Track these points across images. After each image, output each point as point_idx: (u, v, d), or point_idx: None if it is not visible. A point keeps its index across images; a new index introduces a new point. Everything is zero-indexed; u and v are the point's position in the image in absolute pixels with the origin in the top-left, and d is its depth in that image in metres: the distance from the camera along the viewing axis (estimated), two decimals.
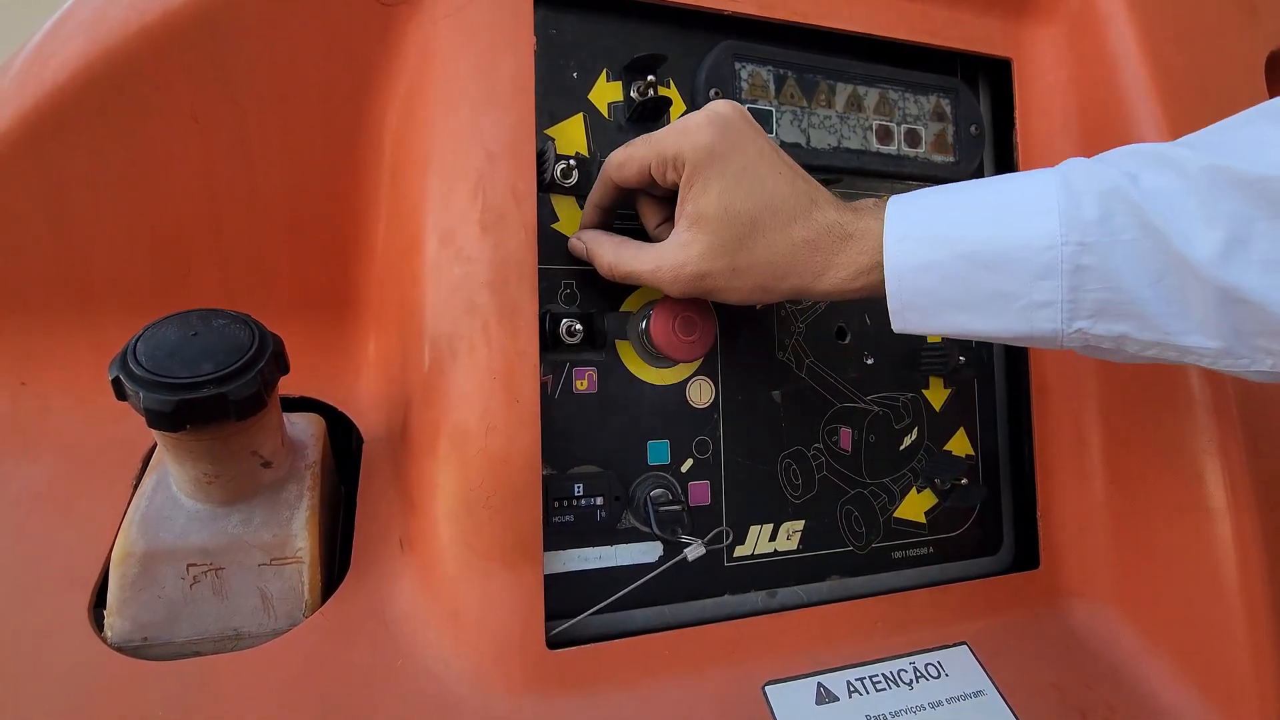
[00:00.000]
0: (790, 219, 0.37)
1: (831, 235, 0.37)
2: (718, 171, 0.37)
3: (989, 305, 0.34)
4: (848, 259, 0.37)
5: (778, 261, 0.37)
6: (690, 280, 0.38)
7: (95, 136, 0.41)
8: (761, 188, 0.37)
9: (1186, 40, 0.51)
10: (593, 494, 0.41)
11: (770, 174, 0.37)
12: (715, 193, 0.37)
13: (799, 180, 0.38)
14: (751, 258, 0.37)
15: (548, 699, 0.38)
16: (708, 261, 0.37)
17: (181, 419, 0.32)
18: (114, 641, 0.35)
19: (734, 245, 0.37)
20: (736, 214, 0.37)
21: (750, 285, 0.38)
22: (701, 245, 0.37)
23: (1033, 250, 0.33)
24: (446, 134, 0.40)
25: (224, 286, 0.46)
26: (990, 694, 0.44)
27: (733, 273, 0.37)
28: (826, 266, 0.37)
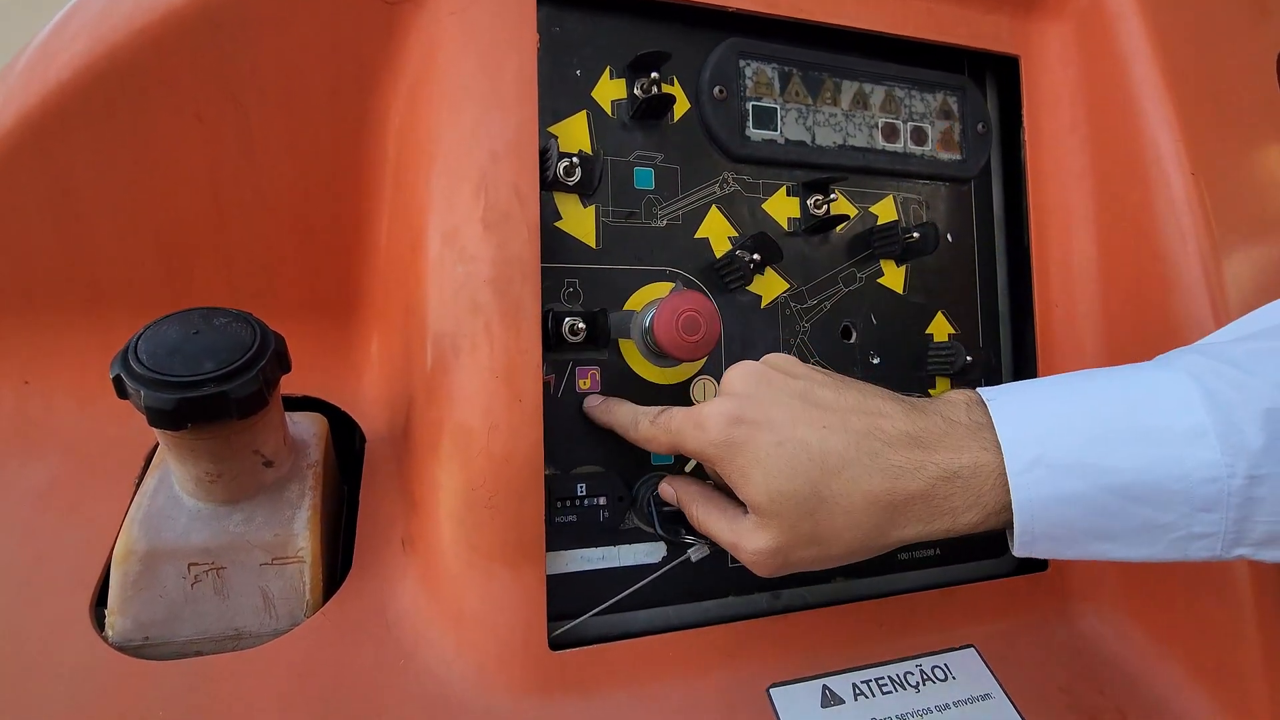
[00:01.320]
0: (859, 470, 0.32)
1: (928, 478, 0.32)
2: (749, 459, 0.33)
3: (1138, 537, 0.31)
4: (965, 502, 0.32)
5: (862, 520, 0.32)
6: (776, 567, 0.34)
7: (100, 136, 0.41)
8: (807, 455, 0.32)
9: (1197, 38, 0.51)
10: (595, 494, 0.41)
11: (813, 433, 0.33)
12: (759, 480, 0.33)
13: (855, 418, 0.34)
14: (829, 525, 0.32)
15: (550, 700, 0.37)
16: (784, 547, 0.33)
17: (183, 417, 0.32)
18: (115, 641, 0.35)
19: (803, 523, 0.33)
20: (790, 495, 0.32)
21: (840, 552, 0.33)
22: (770, 533, 0.33)
23: (1192, 483, 0.29)
24: (450, 132, 0.40)
25: (228, 285, 0.46)
26: (998, 697, 0.43)
27: (813, 543, 0.33)
28: (935, 514, 0.32)
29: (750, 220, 0.47)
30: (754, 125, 0.47)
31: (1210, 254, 0.46)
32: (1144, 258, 0.49)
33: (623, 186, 0.44)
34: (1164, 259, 0.47)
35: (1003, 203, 0.55)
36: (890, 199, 0.51)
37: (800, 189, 0.49)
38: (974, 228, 0.54)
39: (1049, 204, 0.53)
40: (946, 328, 0.52)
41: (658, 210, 0.45)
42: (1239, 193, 0.49)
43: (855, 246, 0.50)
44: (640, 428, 0.38)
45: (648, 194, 0.45)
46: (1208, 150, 0.48)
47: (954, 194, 0.54)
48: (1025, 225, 0.53)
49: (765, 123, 0.47)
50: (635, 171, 0.44)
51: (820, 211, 0.48)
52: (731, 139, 0.46)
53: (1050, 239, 0.53)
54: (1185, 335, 0.46)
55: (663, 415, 0.37)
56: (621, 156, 0.44)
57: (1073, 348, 0.52)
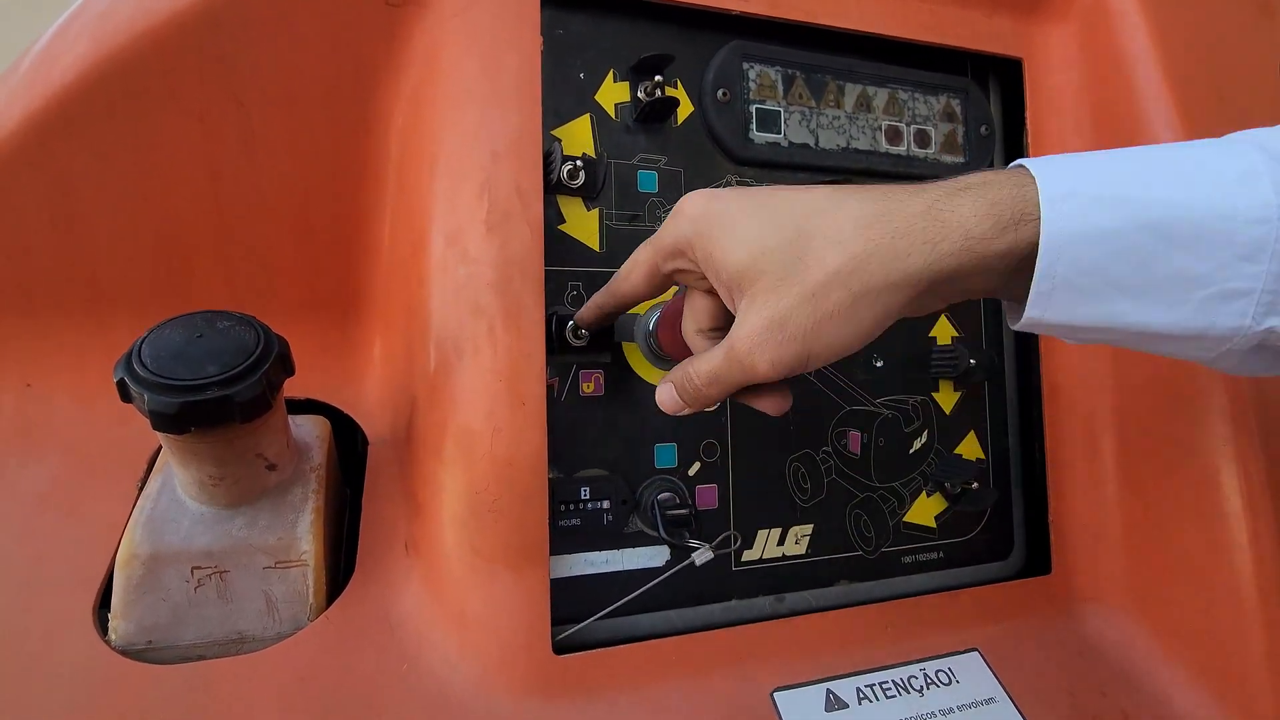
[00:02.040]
0: (844, 203, 0.29)
1: (927, 196, 0.29)
2: (725, 226, 0.31)
3: (1165, 291, 0.27)
4: (977, 209, 0.28)
5: (858, 249, 0.28)
6: (773, 338, 0.29)
7: (102, 137, 0.41)
8: (787, 205, 0.30)
9: (1200, 39, 0.51)
10: (599, 497, 0.41)
11: (791, 193, 0.31)
12: (736, 242, 0.30)
13: (824, 187, 0.31)
14: (819, 265, 0.29)
15: (554, 704, 0.37)
16: (780, 312, 0.29)
17: (186, 421, 0.32)
18: (118, 644, 0.35)
19: (788, 271, 0.29)
20: (772, 243, 0.29)
21: (842, 300, 0.28)
22: (761, 299, 0.29)
23: (1238, 223, 0.26)
24: (452, 134, 0.40)
25: (229, 288, 0.46)
26: (1002, 701, 0.43)
27: (809, 299, 0.29)
28: (943, 229, 0.28)
29: None
30: (757, 128, 0.47)
31: None
32: None
33: (626, 189, 0.44)
34: None
35: None
36: None
37: None
38: None
39: None
40: (950, 330, 0.52)
41: (661, 213, 0.45)
42: None
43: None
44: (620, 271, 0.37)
45: (651, 197, 0.45)
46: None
47: None
48: None
49: (769, 125, 0.47)
50: (639, 174, 0.44)
51: None
52: (735, 141, 0.46)
53: None
54: None
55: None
56: (625, 159, 0.44)
57: (1076, 349, 0.52)
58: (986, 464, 0.53)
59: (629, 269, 0.36)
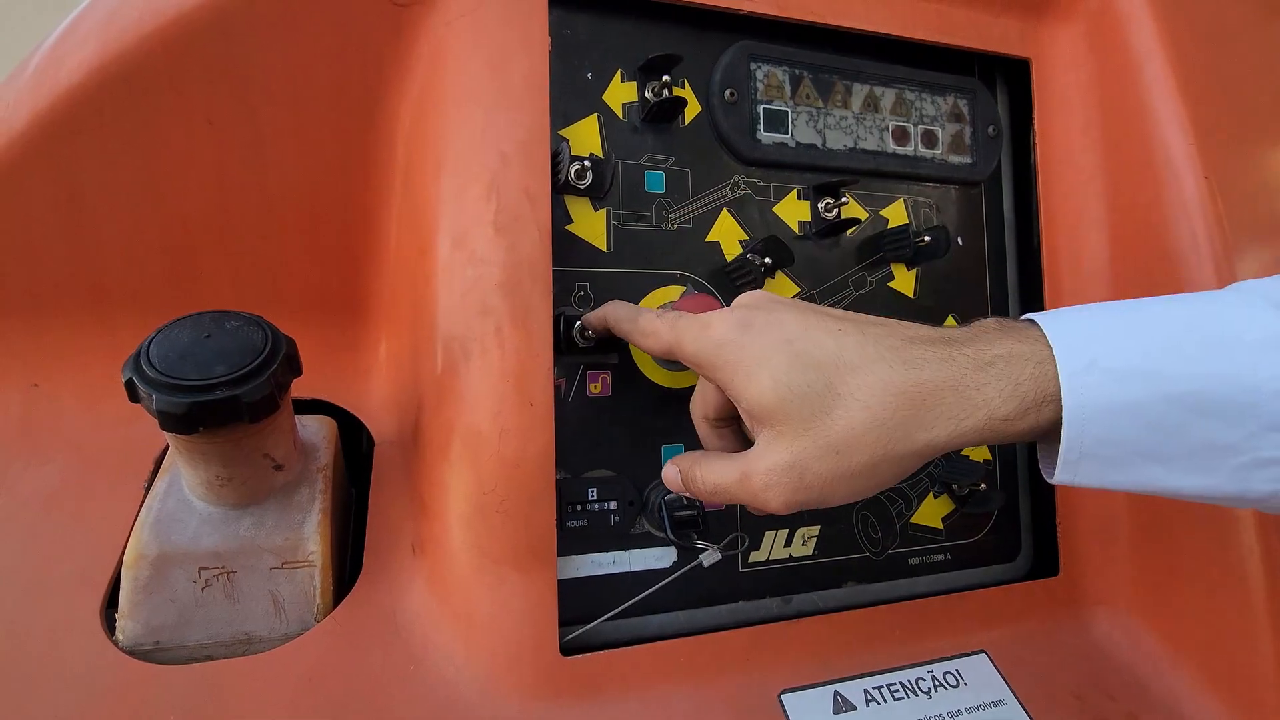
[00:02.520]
0: (878, 362, 0.29)
1: (957, 367, 0.29)
2: (756, 358, 0.30)
3: (1195, 460, 0.27)
4: (1001, 391, 0.28)
5: (885, 417, 0.29)
6: (793, 488, 0.30)
7: (109, 138, 0.41)
8: (821, 351, 0.30)
9: (1209, 40, 0.51)
10: (606, 498, 0.41)
11: (827, 335, 0.31)
12: (766, 380, 0.30)
13: (872, 327, 0.31)
14: (846, 424, 0.29)
15: (561, 705, 0.37)
16: (799, 458, 0.30)
17: (194, 421, 0.32)
18: (125, 645, 0.34)
19: (814, 421, 0.29)
20: (802, 390, 0.29)
21: (863, 461, 0.29)
22: (782, 441, 0.30)
23: (1263, 395, 0.26)
24: (460, 135, 0.40)
25: (236, 288, 0.46)
26: (1010, 703, 0.43)
27: (831, 452, 0.29)
28: (968, 407, 0.29)
29: (761, 223, 0.47)
30: (765, 128, 0.47)
31: (1223, 257, 0.46)
32: (1155, 260, 0.48)
33: (633, 190, 0.44)
34: (1176, 262, 0.47)
35: (1013, 205, 0.55)
36: (901, 202, 0.51)
37: (811, 192, 0.48)
38: (985, 231, 0.54)
39: (1060, 207, 0.53)
40: None
41: (668, 213, 0.45)
42: (1251, 195, 0.48)
43: (866, 250, 0.50)
44: (642, 320, 0.36)
45: (658, 197, 0.45)
46: (1220, 152, 0.48)
47: (965, 197, 0.53)
48: (1036, 228, 0.53)
49: (776, 125, 0.47)
50: (646, 175, 0.44)
51: (831, 215, 0.48)
52: (742, 142, 0.46)
53: (1061, 242, 0.53)
54: None
55: (669, 313, 0.35)
56: (632, 159, 0.44)
57: None
58: (994, 465, 0.52)
59: (648, 332, 0.36)
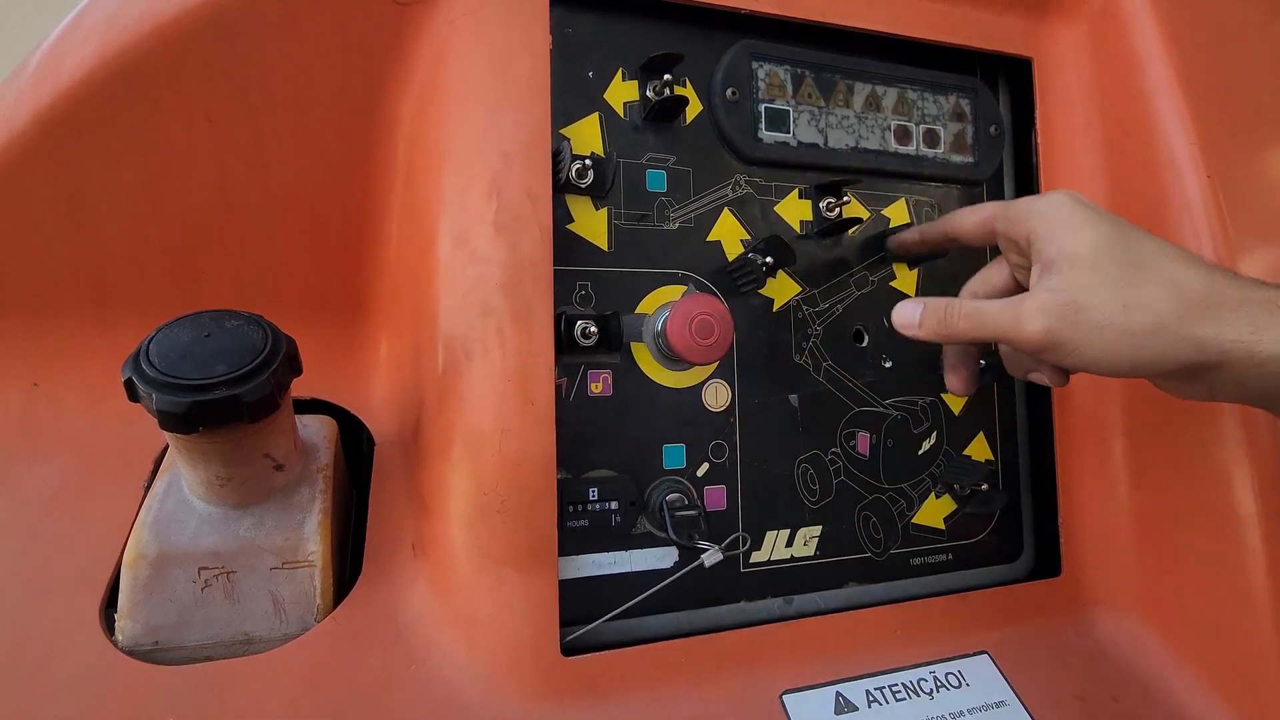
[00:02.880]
0: (1200, 264, 0.31)
1: (1275, 292, 0.30)
2: (1084, 219, 0.32)
3: None
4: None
5: (1191, 295, 0.30)
6: (1066, 314, 0.31)
7: (110, 137, 0.41)
8: (1148, 243, 0.32)
9: (1211, 39, 0.51)
10: (608, 498, 0.41)
11: (1147, 234, 0.33)
12: (1087, 235, 0.32)
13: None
14: (1149, 292, 0.30)
15: (562, 706, 0.37)
16: (1091, 296, 0.31)
17: (194, 421, 0.31)
18: (125, 645, 0.34)
19: (1120, 279, 0.31)
20: (1118, 252, 0.31)
21: (1147, 322, 0.30)
22: (1076, 280, 0.31)
23: None
24: (461, 134, 0.40)
25: (236, 288, 0.46)
26: (1013, 704, 0.43)
27: (1125, 310, 0.30)
28: (1274, 320, 0.29)
29: (763, 223, 0.47)
30: (766, 127, 0.46)
31: (1226, 257, 0.46)
32: None
33: (635, 189, 0.44)
34: None
35: None
36: (903, 202, 0.51)
37: (813, 191, 0.48)
38: None
39: None
40: None
41: (670, 213, 0.45)
42: (1255, 195, 0.48)
43: (868, 250, 0.50)
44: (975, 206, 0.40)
45: (660, 196, 0.44)
46: (1223, 152, 0.47)
47: (967, 196, 0.53)
48: None
49: (778, 125, 0.47)
50: (647, 174, 0.44)
51: (833, 214, 0.48)
52: (744, 141, 0.46)
53: None
54: None
55: None
56: (634, 159, 0.44)
57: None
58: (996, 465, 0.52)
59: (967, 212, 0.40)
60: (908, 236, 0.46)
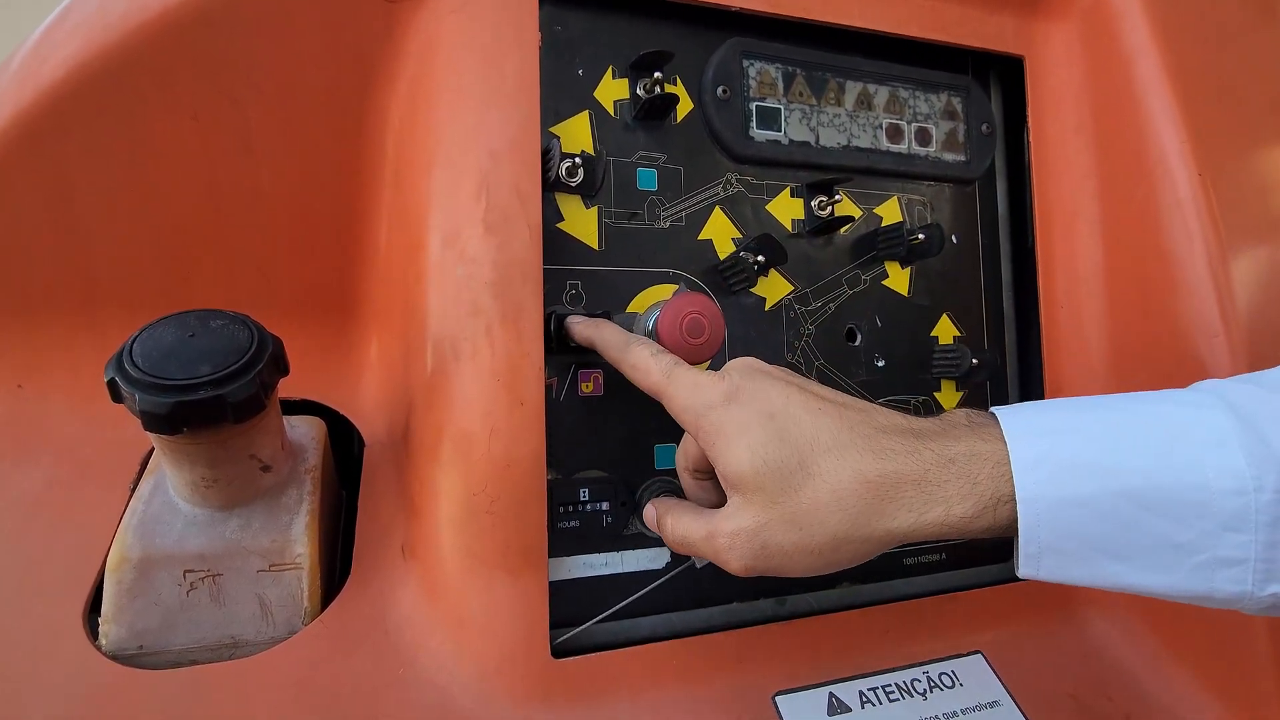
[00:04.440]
0: (850, 449, 0.31)
1: (922, 462, 0.30)
2: (738, 428, 0.32)
3: (1155, 557, 0.28)
4: (960, 490, 0.29)
5: (850, 502, 0.30)
6: (753, 552, 0.32)
7: (95, 135, 0.41)
8: (799, 429, 0.32)
9: (1202, 37, 0.51)
10: (599, 499, 0.41)
11: (806, 413, 0.32)
12: (743, 451, 0.32)
13: (850, 411, 0.33)
14: (813, 502, 0.30)
15: (553, 709, 0.37)
16: (764, 525, 0.31)
17: (178, 421, 0.31)
18: (109, 649, 0.34)
19: (787, 499, 0.31)
20: (776, 464, 0.31)
21: (824, 539, 0.31)
22: (751, 509, 0.32)
23: (1214, 493, 0.26)
24: (449, 132, 0.40)
25: (225, 287, 0.46)
26: (1006, 704, 0.43)
27: (794, 526, 0.31)
28: (928, 502, 0.30)
29: (754, 222, 0.47)
30: (758, 125, 0.46)
31: (1217, 255, 0.46)
32: (1150, 259, 0.48)
33: (625, 187, 0.44)
34: (1170, 260, 0.47)
35: (1007, 204, 0.55)
36: (895, 200, 0.51)
37: (804, 190, 0.48)
38: (979, 229, 0.54)
39: (1054, 205, 0.53)
40: (952, 330, 0.52)
41: (661, 211, 0.44)
42: (1246, 193, 0.48)
43: (860, 248, 0.49)
44: (633, 353, 0.37)
45: (651, 195, 0.44)
46: (1214, 150, 0.47)
47: (959, 195, 0.53)
48: (1030, 226, 0.53)
49: (769, 123, 0.46)
50: (638, 172, 0.44)
51: (824, 213, 0.48)
52: (735, 139, 0.45)
53: (1055, 240, 0.53)
54: (1191, 337, 0.46)
55: (665, 355, 0.36)
56: (624, 157, 0.44)
57: (1078, 349, 0.52)
58: None
59: (638, 367, 0.36)
60: (582, 332, 0.40)
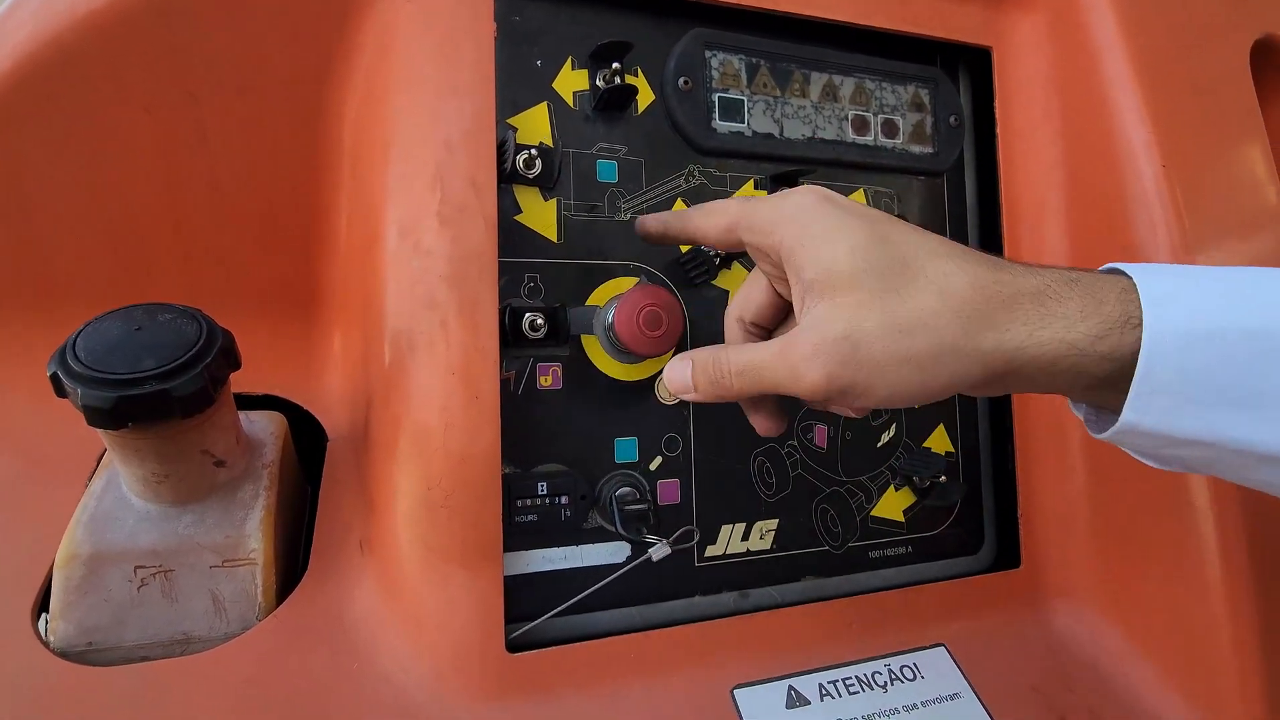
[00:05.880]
0: (961, 257, 0.28)
1: (1042, 278, 0.28)
2: (832, 225, 0.29)
3: (1271, 406, 0.25)
4: (1083, 306, 0.27)
5: (960, 306, 0.27)
6: (839, 354, 0.27)
7: (48, 128, 0.40)
8: (902, 234, 0.29)
9: (1170, 30, 0.50)
10: (558, 493, 0.40)
11: (907, 226, 0.30)
12: (842, 248, 0.28)
13: (939, 236, 0.30)
14: (917, 304, 0.27)
15: (508, 703, 0.36)
16: (852, 322, 0.27)
17: (122, 416, 0.31)
18: (56, 646, 0.34)
19: (884, 294, 0.27)
20: (878, 261, 0.28)
21: (925, 347, 0.27)
22: (838, 311, 0.28)
23: None
24: (405, 123, 0.39)
25: (187, 281, 0.45)
26: (967, 696, 0.43)
27: (893, 329, 0.27)
28: (1046, 316, 0.27)
29: None
30: (720, 117, 0.46)
31: (1181, 247, 0.45)
32: (1115, 250, 0.48)
33: (585, 179, 0.43)
34: (1135, 252, 0.47)
35: (976, 196, 0.55)
36: (861, 193, 0.51)
37: (768, 182, 0.48)
38: (947, 221, 0.54)
39: (1021, 197, 0.53)
40: None
41: (621, 204, 0.44)
42: (1211, 186, 0.48)
43: None
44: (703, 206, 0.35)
45: (611, 187, 0.44)
46: (1180, 143, 0.47)
47: (927, 187, 0.53)
48: (998, 218, 0.53)
49: (732, 115, 0.46)
50: (598, 164, 0.44)
51: None
52: (697, 131, 0.45)
53: (1022, 232, 0.52)
54: None
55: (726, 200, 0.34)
56: (584, 149, 0.43)
57: None
58: (956, 458, 0.52)
59: (712, 212, 0.34)
60: (651, 225, 0.39)
